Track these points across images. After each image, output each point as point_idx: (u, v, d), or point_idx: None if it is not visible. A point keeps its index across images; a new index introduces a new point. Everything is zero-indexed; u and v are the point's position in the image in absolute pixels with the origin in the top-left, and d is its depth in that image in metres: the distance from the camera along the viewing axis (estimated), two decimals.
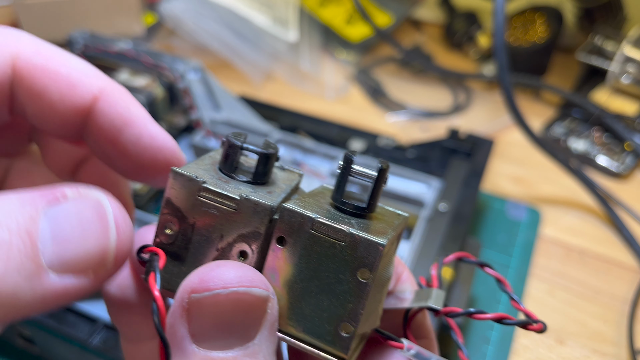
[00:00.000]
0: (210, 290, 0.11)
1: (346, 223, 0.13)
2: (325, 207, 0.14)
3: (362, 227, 0.13)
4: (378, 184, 0.14)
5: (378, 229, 0.14)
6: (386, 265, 0.14)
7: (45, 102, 0.14)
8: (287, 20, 0.58)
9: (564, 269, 0.39)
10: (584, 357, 0.33)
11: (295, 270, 0.13)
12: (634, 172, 0.48)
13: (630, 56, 0.48)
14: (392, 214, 0.16)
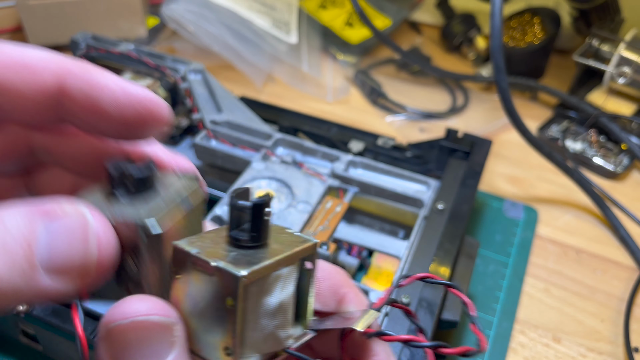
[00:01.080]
0: (115, 321, 0.14)
1: (221, 256, 0.14)
2: (221, 243, 0.15)
3: (238, 258, 0.14)
4: (256, 216, 0.15)
5: (255, 259, 0.14)
6: (268, 291, 0.15)
7: (14, 94, 0.15)
8: (288, 22, 0.59)
9: (561, 267, 0.39)
10: (581, 355, 0.34)
11: (189, 299, 0.15)
12: (630, 173, 0.48)
13: (627, 58, 0.49)
14: (293, 242, 0.16)
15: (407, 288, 0.29)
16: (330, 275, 0.18)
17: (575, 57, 0.52)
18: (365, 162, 0.36)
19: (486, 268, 0.39)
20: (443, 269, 0.30)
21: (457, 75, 0.55)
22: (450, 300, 0.29)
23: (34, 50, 0.15)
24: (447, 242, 0.31)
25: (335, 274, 0.18)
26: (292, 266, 0.15)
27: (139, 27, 0.60)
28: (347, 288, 0.18)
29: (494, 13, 0.36)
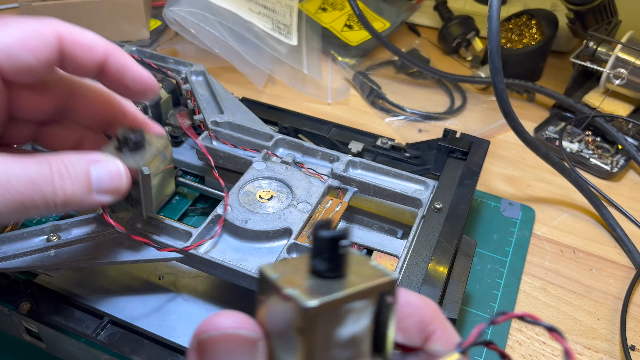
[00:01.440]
0: (207, 332, 0.15)
1: (298, 284, 0.15)
2: (302, 271, 0.15)
3: (313, 288, 0.15)
4: (333, 248, 0.15)
5: (328, 290, 0.14)
6: (340, 322, 0.15)
7: (78, 62, 0.24)
8: (288, 24, 0.59)
9: (558, 266, 0.40)
10: (577, 353, 0.34)
11: (270, 320, 0.15)
12: (626, 173, 0.49)
13: (623, 59, 0.49)
14: (372, 275, 0.15)
15: (406, 287, 0.29)
16: (419, 311, 0.17)
17: (572, 58, 0.52)
18: (364, 162, 0.37)
19: (484, 267, 0.39)
20: (441, 268, 0.30)
21: (455, 77, 0.55)
22: (448, 299, 0.30)
23: (90, 34, 0.24)
24: (445, 241, 0.32)
25: (425, 308, 0.17)
26: (367, 299, 0.15)
27: (141, 29, 0.60)
28: (436, 324, 0.17)
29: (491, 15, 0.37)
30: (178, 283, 0.33)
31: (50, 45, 0.23)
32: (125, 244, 0.30)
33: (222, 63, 0.56)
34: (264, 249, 0.31)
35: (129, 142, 0.25)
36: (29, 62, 0.22)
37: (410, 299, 0.17)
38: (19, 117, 0.25)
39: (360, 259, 0.16)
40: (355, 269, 0.15)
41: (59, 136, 0.28)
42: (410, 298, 0.17)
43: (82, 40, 0.24)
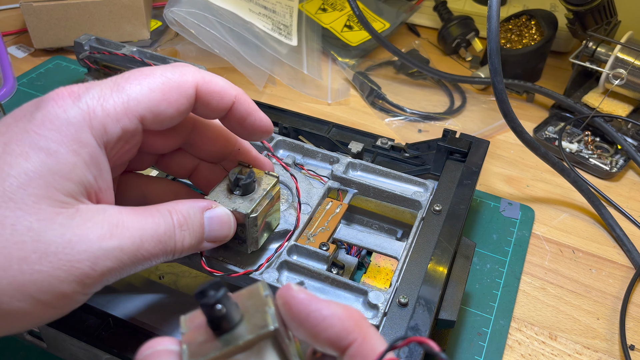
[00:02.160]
0: (144, 352, 0.19)
1: (193, 340, 0.17)
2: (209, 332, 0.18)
3: (200, 347, 0.17)
4: (207, 313, 0.17)
5: (208, 350, 0.17)
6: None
7: (209, 107, 0.25)
8: (288, 25, 0.59)
9: (557, 266, 0.40)
10: (577, 352, 0.34)
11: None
12: (625, 173, 0.49)
13: (622, 59, 0.49)
14: (259, 324, 0.17)
15: (406, 288, 0.29)
16: (340, 322, 0.18)
17: (572, 59, 0.52)
18: (364, 164, 0.37)
19: (483, 267, 0.39)
20: (440, 268, 0.30)
21: (455, 77, 0.55)
22: (448, 300, 0.30)
23: (221, 80, 0.26)
24: (444, 241, 0.32)
25: (346, 319, 0.18)
26: (252, 349, 0.17)
27: (142, 29, 0.60)
28: (356, 333, 0.18)
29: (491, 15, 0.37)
30: (179, 282, 0.33)
31: (189, 97, 0.24)
32: None
33: (222, 63, 0.56)
34: (264, 249, 0.31)
35: (239, 184, 0.27)
36: (170, 114, 0.23)
37: (332, 311, 0.18)
38: (145, 151, 0.27)
39: (260, 303, 0.18)
40: (248, 317, 0.17)
41: (176, 163, 0.29)
42: (333, 310, 0.18)
43: (215, 88, 0.25)
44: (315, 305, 0.18)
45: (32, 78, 0.56)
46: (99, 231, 0.20)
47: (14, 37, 0.63)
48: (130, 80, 0.22)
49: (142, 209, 0.23)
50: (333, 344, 0.18)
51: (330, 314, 0.18)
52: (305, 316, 0.18)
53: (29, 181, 0.19)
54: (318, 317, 0.18)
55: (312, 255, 0.31)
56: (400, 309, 0.28)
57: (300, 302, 0.18)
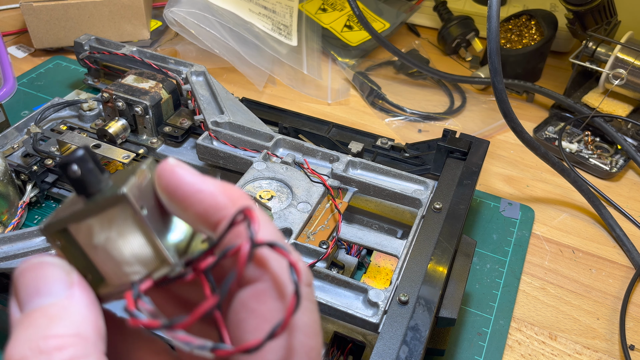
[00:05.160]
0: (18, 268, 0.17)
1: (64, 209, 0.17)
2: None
3: (64, 211, 0.17)
4: (64, 174, 0.17)
5: (69, 211, 0.17)
6: (90, 235, 0.17)
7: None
8: (288, 25, 0.59)
9: (557, 266, 0.40)
10: (576, 352, 0.34)
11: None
12: (625, 173, 0.49)
13: (622, 59, 0.49)
14: (114, 188, 0.17)
15: (406, 286, 0.29)
16: (212, 196, 0.16)
17: (571, 59, 0.52)
18: (364, 162, 0.37)
19: (483, 267, 0.39)
20: (441, 268, 0.30)
21: (455, 77, 0.55)
22: (448, 299, 0.30)
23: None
24: (444, 241, 0.32)
25: (219, 194, 0.16)
26: (106, 213, 0.16)
27: (142, 30, 0.60)
28: (229, 211, 0.16)
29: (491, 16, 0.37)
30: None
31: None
32: None
33: (222, 63, 0.56)
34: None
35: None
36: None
37: (206, 186, 0.17)
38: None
39: (130, 174, 0.17)
40: (113, 186, 0.17)
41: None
42: (207, 185, 0.17)
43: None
44: (188, 178, 0.17)
45: (32, 78, 0.56)
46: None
47: (14, 37, 0.63)
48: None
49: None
50: (202, 219, 0.17)
51: (203, 188, 0.17)
52: (175, 187, 0.17)
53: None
54: (189, 190, 0.17)
55: (312, 253, 0.31)
56: (400, 307, 0.28)
57: (173, 173, 0.17)
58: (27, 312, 0.16)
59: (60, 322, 0.15)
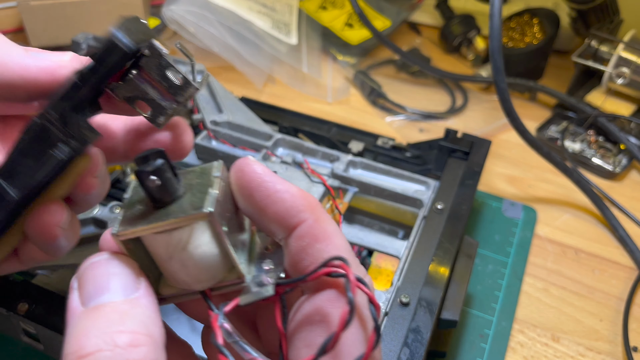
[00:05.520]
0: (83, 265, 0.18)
1: (128, 215, 0.17)
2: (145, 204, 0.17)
3: (130, 218, 0.17)
4: (142, 184, 0.16)
5: (139, 221, 0.17)
6: (154, 245, 0.17)
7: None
8: (288, 23, 0.59)
9: (560, 267, 0.40)
10: (579, 354, 0.34)
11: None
12: (628, 173, 0.49)
13: (625, 58, 0.49)
14: (195, 204, 0.17)
15: (407, 288, 0.29)
16: (292, 198, 0.17)
17: (574, 57, 0.52)
18: (365, 162, 0.37)
19: (485, 268, 0.39)
20: (442, 269, 0.30)
21: (457, 76, 0.55)
22: (450, 300, 0.30)
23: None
24: (446, 241, 0.32)
25: (299, 198, 0.17)
26: (186, 227, 0.16)
27: None
28: (308, 214, 0.17)
29: (493, 14, 0.36)
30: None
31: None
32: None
33: (221, 62, 0.55)
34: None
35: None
36: None
37: (286, 187, 0.17)
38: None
39: (206, 183, 0.17)
40: (190, 196, 0.17)
41: None
42: (287, 186, 0.17)
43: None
44: (269, 177, 0.17)
45: None
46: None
47: (10, 35, 0.63)
48: None
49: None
50: (281, 220, 0.17)
51: (284, 188, 0.17)
52: (257, 186, 0.17)
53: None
54: (270, 188, 0.17)
55: None
56: (401, 308, 0.28)
57: (254, 171, 0.17)
58: (94, 306, 0.15)
59: (132, 319, 0.15)
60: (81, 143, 0.19)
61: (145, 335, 0.15)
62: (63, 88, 0.18)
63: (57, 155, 0.18)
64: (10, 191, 0.19)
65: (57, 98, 0.18)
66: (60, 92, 0.18)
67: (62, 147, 0.18)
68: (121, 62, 0.18)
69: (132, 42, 0.18)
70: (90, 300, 0.15)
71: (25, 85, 0.20)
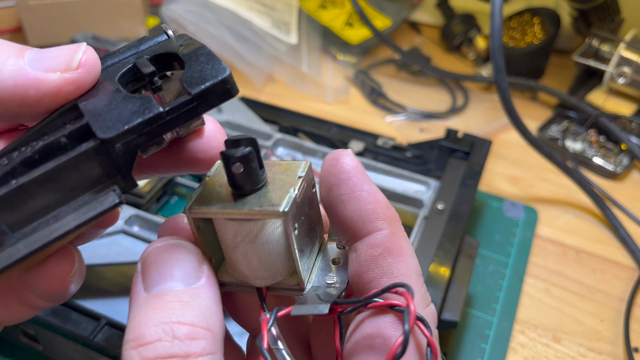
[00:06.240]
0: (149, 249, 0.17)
1: (210, 197, 0.17)
2: (224, 187, 0.17)
3: (210, 200, 0.16)
4: (227, 168, 0.16)
5: (221, 204, 0.16)
6: (225, 232, 0.17)
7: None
8: (288, 22, 0.59)
9: (561, 267, 0.40)
10: (580, 355, 0.34)
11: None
12: (630, 173, 0.48)
13: (626, 58, 0.49)
14: (275, 198, 0.16)
15: None
16: (377, 202, 0.16)
17: (575, 57, 0.52)
18: (365, 162, 0.37)
19: (486, 268, 0.39)
20: (443, 269, 0.30)
21: (457, 76, 0.55)
22: (450, 301, 0.29)
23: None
24: (447, 242, 0.31)
25: (383, 207, 0.16)
26: (258, 221, 0.16)
27: (139, 27, 0.60)
28: (386, 225, 0.16)
29: (494, 13, 0.36)
30: None
31: None
32: (122, 245, 0.29)
33: None
34: None
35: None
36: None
37: (374, 190, 0.17)
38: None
39: (289, 181, 0.17)
40: (270, 190, 0.16)
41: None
42: (375, 189, 0.17)
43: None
44: (361, 175, 0.17)
45: None
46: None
47: (9, 35, 0.63)
48: None
49: None
50: (357, 220, 0.16)
51: (370, 190, 0.17)
52: (345, 178, 0.17)
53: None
54: (357, 184, 0.17)
55: None
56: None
57: (348, 163, 0.17)
58: (157, 293, 0.15)
59: (192, 311, 0.15)
60: (128, 188, 0.15)
61: (204, 328, 0.15)
62: (140, 115, 0.14)
63: (108, 200, 0.14)
64: (13, 239, 0.13)
65: (129, 126, 0.14)
66: (133, 119, 0.14)
67: (114, 189, 0.15)
68: (221, 101, 0.16)
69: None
70: (153, 287, 0.15)
71: (18, 101, 0.15)
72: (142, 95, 0.15)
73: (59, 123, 0.15)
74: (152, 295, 0.15)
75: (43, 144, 0.14)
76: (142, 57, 0.16)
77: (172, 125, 0.15)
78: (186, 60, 0.16)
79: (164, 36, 0.17)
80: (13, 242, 0.14)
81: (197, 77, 0.15)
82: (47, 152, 0.14)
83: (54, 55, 0.15)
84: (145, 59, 0.16)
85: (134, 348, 0.14)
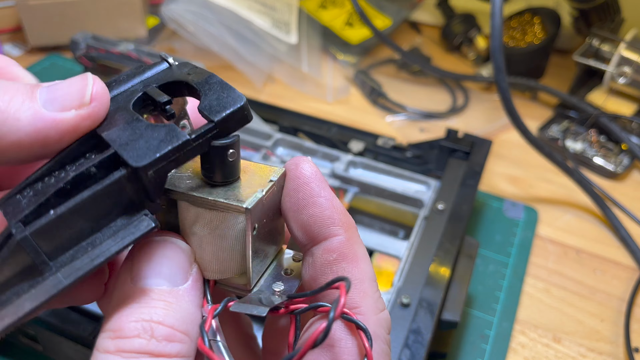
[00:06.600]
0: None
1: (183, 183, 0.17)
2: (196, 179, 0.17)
3: (186, 186, 0.17)
4: (216, 152, 0.16)
5: (187, 187, 0.17)
6: (195, 220, 0.17)
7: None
8: (288, 22, 0.59)
9: (561, 268, 0.39)
10: (581, 355, 0.34)
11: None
12: (630, 172, 0.48)
13: (627, 57, 0.49)
14: (244, 194, 0.17)
15: (408, 289, 0.29)
16: (333, 209, 0.17)
17: (576, 57, 0.52)
18: (365, 162, 0.37)
19: (486, 268, 0.39)
20: (443, 269, 0.30)
21: (457, 75, 0.55)
22: (451, 301, 0.29)
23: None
24: (447, 242, 0.31)
25: (340, 213, 0.17)
26: (220, 212, 0.16)
27: (138, 27, 0.60)
28: (342, 232, 0.17)
29: (494, 13, 0.36)
30: None
31: None
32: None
33: (220, 61, 0.55)
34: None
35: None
36: None
37: (332, 197, 0.17)
38: None
39: (258, 183, 0.17)
40: (240, 186, 0.17)
41: None
42: (332, 196, 0.17)
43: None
44: (318, 181, 0.17)
45: None
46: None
47: (9, 35, 0.63)
48: None
49: None
50: (314, 225, 0.17)
51: (327, 196, 0.17)
52: (304, 183, 0.17)
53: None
54: (314, 190, 0.17)
55: None
56: (402, 309, 0.27)
57: (307, 169, 0.17)
58: (143, 287, 0.15)
59: (174, 313, 0.15)
60: (155, 211, 0.16)
61: (183, 332, 0.15)
62: (168, 143, 0.15)
63: (143, 224, 0.15)
64: (53, 269, 0.14)
65: (160, 154, 0.14)
66: (162, 147, 0.14)
67: (145, 213, 0.15)
68: (239, 127, 0.16)
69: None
70: (140, 279, 0.16)
71: (32, 144, 0.15)
72: (165, 124, 0.15)
73: (78, 153, 0.16)
74: (137, 287, 0.15)
75: (74, 174, 0.15)
76: (149, 85, 0.17)
77: (198, 151, 0.15)
78: (200, 89, 0.16)
79: (165, 64, 0.17)
80: (53, 271, 0.14)
81: (216, 105, 0.16)
82: (78, 182, 0.15)
83: (65, 93, 0.15)
84: (155, 88, 0.16)
85: (111, 338, 0.15)
